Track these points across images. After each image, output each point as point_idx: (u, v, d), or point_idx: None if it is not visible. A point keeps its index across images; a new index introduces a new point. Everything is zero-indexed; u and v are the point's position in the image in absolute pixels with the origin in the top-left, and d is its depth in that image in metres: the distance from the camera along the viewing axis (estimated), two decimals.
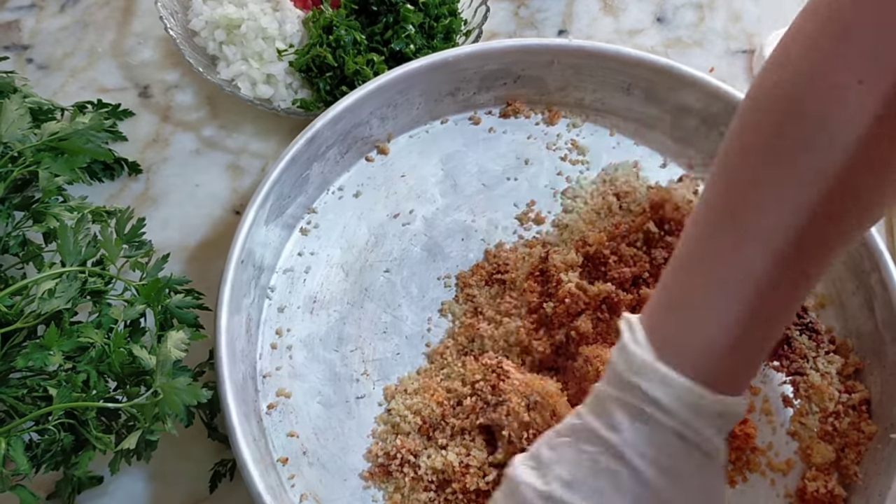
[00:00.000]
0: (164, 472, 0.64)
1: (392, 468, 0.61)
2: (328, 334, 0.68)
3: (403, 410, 0.63)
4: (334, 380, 0.66)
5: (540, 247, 0.70)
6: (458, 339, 0.67)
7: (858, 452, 0.62)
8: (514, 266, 0.70)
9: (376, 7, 0.79)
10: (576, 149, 0.78)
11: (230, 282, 0.63)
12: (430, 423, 0.62)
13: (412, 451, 0.61)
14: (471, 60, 0.75)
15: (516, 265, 0.70)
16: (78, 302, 0.58)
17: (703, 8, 0.93)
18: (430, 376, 0.65)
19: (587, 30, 0.90)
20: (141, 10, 0.88)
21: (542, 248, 0.70)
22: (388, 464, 0.61)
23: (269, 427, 0.63)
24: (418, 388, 0.64)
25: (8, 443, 0.52)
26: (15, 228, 0.63)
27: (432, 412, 0.62)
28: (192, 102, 0.83)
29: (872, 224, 0.52)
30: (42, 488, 0.61)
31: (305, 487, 0.61)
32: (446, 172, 0.76)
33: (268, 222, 0.68)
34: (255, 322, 0.67)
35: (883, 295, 0.66)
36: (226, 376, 0.59)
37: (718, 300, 0.47)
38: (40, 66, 0.84)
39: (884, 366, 0.65)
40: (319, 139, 0.70)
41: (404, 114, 0.76)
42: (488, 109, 0.79)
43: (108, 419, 0.58)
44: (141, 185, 0.78)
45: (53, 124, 0.66)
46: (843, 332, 0.69)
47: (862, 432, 0.62)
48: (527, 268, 0.69)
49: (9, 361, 0.55)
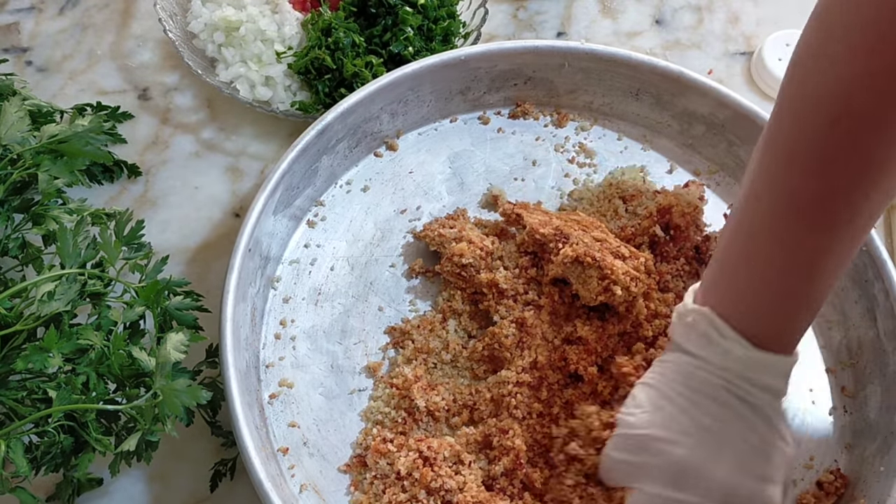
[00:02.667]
0: (164, 473, 0.64)
1: (367, 459, 0.62)
2: (332, 326, 0.68)
3: (383, 407, 0.64)
4: (336, 372, 0.66)
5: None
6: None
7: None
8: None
9: (375, 9, 0.79)
10: (583, 152, 0.78)
11: (237, 269, 0.63)
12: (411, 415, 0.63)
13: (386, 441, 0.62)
14: (482, 60, 0.76)
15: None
16: (77, 304, 0.58)
17: (702, 10, 0.93)
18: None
19: (586, 32, 0.90)
20: (140, 12, 0.88)
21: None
22: (364, 454, 0.62)
23: (270, 417, 0.64)
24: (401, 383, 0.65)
25: (8, 445, 0.52)
26: (14, 231, 0.63)
27: (411, 404, 0.63)
28: (191, 105, 0.83)
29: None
30: (42, 490, 0.61)
31: (305, 478, 0.62)
32: (454, 170, 0.76)
33: (276, 212, 0.68)
34: (259, 312, 0.67)
35: (885, 304, 0.66)
36: (230, 363, 0.60)
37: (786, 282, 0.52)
38: (40, 69, 0.84)
39: (885, 375, 0.65)
40: (330, 132, 0.71)
41: (414, 111, 0.77)
42: (497, 110, 0.80)
43: (107, 421, 0.58)
44: (140, 187, 0.78)
45: (53, 127, 0.66)
46: (844, 341, 0.69)
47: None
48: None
49: (8, 364, 0.55)
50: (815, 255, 0.51)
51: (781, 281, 0.52)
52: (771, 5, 0.93)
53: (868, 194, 0.48)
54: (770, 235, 0.52)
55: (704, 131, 0.77)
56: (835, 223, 0.49)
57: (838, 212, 0.49)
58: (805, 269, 0.51)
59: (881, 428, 0.63)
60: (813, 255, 0.51)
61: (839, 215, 0.49)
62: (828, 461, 0.64)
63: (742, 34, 0.91)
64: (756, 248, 0.53)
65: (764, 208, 0.52)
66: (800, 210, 0.50)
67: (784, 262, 0.51)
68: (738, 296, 0.54)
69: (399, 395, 0.64)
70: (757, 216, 0.52)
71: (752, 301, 0.54)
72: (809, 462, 0.64)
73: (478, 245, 0.67)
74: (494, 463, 0.61)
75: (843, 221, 0.49)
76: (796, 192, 0.50)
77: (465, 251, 0.67)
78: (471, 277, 0.67)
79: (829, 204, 0.49)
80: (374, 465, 0.61)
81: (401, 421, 0.63)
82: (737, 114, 0.74)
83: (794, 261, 0.51)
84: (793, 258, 0.51)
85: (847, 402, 0.67)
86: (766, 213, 0.52)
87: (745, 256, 0.54)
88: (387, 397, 0.64)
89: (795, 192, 0.50)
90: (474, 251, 0.67)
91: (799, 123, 0.49)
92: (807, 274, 0.51)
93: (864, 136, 0.47)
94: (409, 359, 0.66)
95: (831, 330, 0.70)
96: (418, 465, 0.60)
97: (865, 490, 0.61)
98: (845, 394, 0.67)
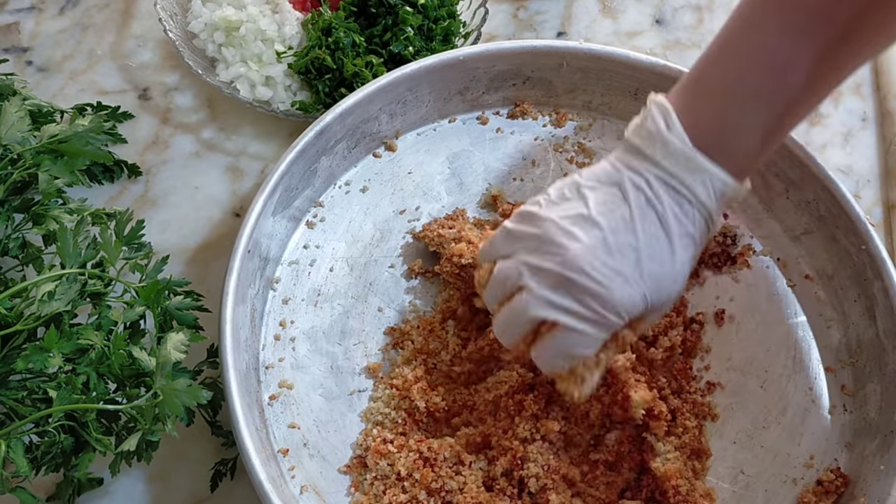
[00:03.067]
0: (165, 472, 0.64)
1: (368, 460, 0.62)
2: (331, 327, 0.68)
3: (383, 407, 0.64)
4: (336, 373, 0.66)
5: None
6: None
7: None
8: None
9: (375, 9, 0.79)
10: (582, 151, 0.78)
11: (236, 271, 0.63)
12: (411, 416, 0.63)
13: (386, 442, 0.62)
14: (481, 60, 0.76)
15: None
16: (78, 304, 0.58)
17: (702, 10, 0.93)
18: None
19: (586, 32, 0.90)
20: (140, 12, 0.88)
21: None
22: (364, 455, 0.62)
23: (270, 418, 0.64)
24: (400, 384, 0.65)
25: (8, 445, 0.52)
26: (15, 231, 0.63)
27: (411, 405, 0.63)
28: (191, 104, 0.83)
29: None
30: (42, 490, 0.61)
31: (305, 479, 0.62)
32: (453, 171, 0.76)
33: (275, 214, 0.68)
34: (259, 313, 0.67)
35: (885, 303, 0.66)
36: (230, 365, 0.60)
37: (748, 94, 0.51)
38: (40, 69, 0.84)
39: (884, 373, 0.65)
40: (328, 133, 0.71)
41: (413, 111, 0.77)
42: (496, 110, 0.80)
43: (108, 421, 0.58)
44: (140, 187, 0.78)
45: (53, 127, 0.66)
46: (844, 339, 0.69)
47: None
48: None
49: (9, 363, 0.55)
50: (795, 61, 0.50)
51: (745, 84, 0.52)
52: None
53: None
54: (756, 34, 0.51)
55: None
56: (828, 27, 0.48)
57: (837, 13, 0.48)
58: (779, 75, 0.50)
59: (881, 426, 0.63)
60: (793, 60, 0.50)
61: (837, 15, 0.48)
62: (828, 460, 0.64)
63: None
64: (734, 48, 0.53)
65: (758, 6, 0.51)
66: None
67: (758, 64, 0.51)
68: (700, 91, 0.54)
69: (399, 396, 0.64)
70: (747, 10, 0.52)
71: (711, 102, 0.53)
72: (810, 461, 0.64)
73: (477, 245, 0.67)
74: (494, 463, 0.61)
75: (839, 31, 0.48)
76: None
77: (465, 251, 0.67)
78: (470, 278, 0.67)
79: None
80: (375, 466, 0.61)
81: (401, 422, 0.63)
82: None
83: (770, 64, 0.50)
84: (770, 61, 0.50)
85: (847, 401, 0.67)
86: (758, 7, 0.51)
87: (720, 54, 0.53)
88: (387, 398, 0.64)
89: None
90: (473, 251, 0.67)
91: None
92: (780, 83, 0.51)
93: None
94: (409, 359, 0.66)
95: (830, 329, 0.70)
96: (418, 466, 0.60)
97: (866, 489, 0.61)
98: (845, 392, 0.67)
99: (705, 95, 0.54)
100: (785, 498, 0.63)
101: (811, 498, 0.62)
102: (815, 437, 0.65)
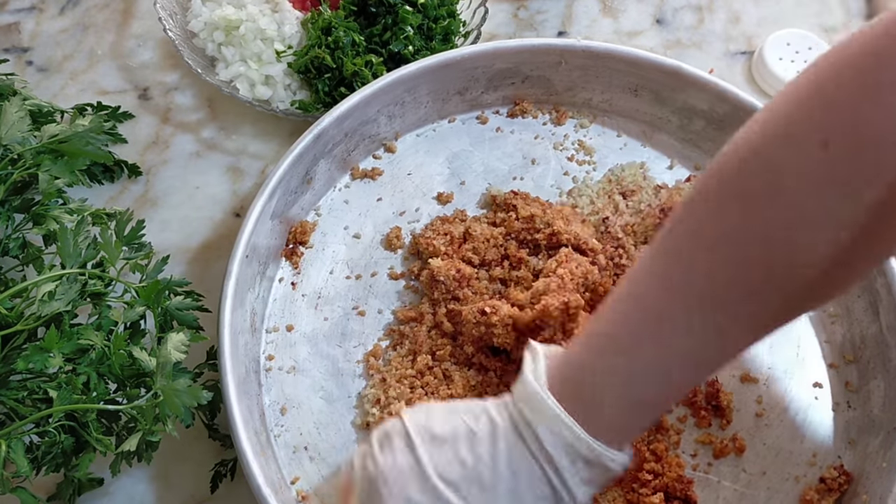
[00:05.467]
0: (165, 473, 0.64)
1: None
2: (332, 330, 0.68)
3: (372, 408, 0.64)
4: (336, 375, 0.66)
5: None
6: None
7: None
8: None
9: (375, 8, 0.79)
10: (583, 149, 0.78)
11: (235, 276, 0.63)
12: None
13: None
14: (479, 60, 0.75)
15: None
16: (78, 304, 0.58)
17: (703, 10, 0.93)
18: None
19: (586, 31, 0.90)
20: (140, 11, 0.88)
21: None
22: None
23: (270, 421, 0.64)
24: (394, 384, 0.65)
25: (8, 445, 0.52)
26: (15, 231, 0.63)
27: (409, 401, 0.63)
28: (191, 104, 0.83)
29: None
30: (42, 490, 0.61)
31: (306, 482, 0.61)
32: (453, 171, 0.76)
33: (273, 217, 0.68)
34: (259, 317, 0.67)
35: (888, 299, 0.66)
36: (228, 370, 0.59)
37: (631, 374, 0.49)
38: (40, 69, 0.84)
39: (888, 370, 0.65)
40: (326, 136, 0.70)
41: (412, 112, 0.76)
42: (496, 109, 0.80)
43: (108, 421, 0.58)
44: (141, 187, 0.78)
45: (53, 127, 0.66)
46: (847, 336, 0.69)
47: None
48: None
49: (9, 364, 0.55)
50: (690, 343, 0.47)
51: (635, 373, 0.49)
52: (772, 5, 0.93)
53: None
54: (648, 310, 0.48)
55: (704, 126, 0.77)
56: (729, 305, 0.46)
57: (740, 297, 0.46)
58: (679, 358, 0.48)
59: (885, 423, 0.63)
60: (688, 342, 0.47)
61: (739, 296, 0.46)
62: (831, 457, 0.64)
63: (743, 34, 0.91)
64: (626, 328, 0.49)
65: (657, 285, 0.48)
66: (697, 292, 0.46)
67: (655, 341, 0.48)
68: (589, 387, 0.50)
69: (396, 397, 0.64)
70: (651, 292, 0.48)
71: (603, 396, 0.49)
72: (812, 458, 0.64)
73: (456, 266, 0.67)
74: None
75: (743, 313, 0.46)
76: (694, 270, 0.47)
77: (442, 269, 0.66)
78: (441, 296, 0.67)
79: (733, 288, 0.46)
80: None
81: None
82: (736, 108, 0.74)
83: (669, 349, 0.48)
84: (668, 344, 0.48)
85: (850, 398, 0.67)
86: (660, 290, 0.48)
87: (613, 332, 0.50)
88: (384, 399, 0.64)
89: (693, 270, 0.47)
90: (449, 271, 0.66)
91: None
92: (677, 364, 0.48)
93: None
94: (406, 359, 0.66)
95: (834, 325, 0.70)
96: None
97: (869, 486, 0.61)
98: (849, 389, 0.67)
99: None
100: (787, 496, 0.62)
101: (814, 495, 0.61)
102: (817, 434, 0.65)
